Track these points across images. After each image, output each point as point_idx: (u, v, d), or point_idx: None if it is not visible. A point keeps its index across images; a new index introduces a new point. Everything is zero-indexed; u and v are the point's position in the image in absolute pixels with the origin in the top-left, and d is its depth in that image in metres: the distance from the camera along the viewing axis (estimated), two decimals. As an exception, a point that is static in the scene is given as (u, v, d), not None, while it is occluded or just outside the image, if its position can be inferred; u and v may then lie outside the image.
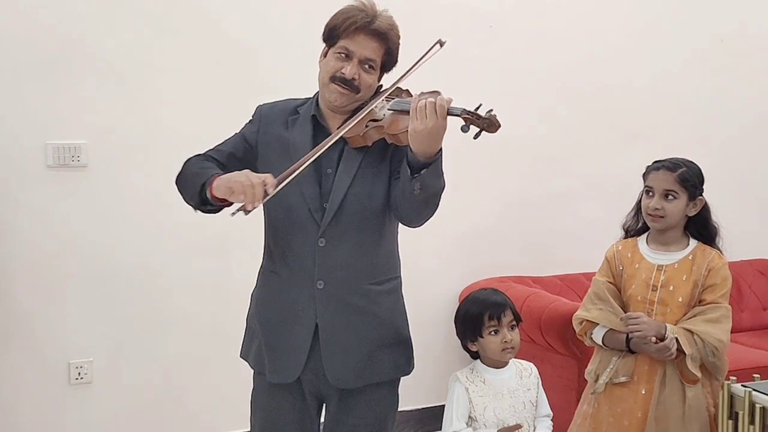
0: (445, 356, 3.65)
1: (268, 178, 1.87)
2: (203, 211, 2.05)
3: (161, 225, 3.28)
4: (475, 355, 2.34)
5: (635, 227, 2.46)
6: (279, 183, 1.89)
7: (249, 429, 2.24)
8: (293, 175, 1.92)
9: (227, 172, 2.03)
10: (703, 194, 2.38)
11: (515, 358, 2.34)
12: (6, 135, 3.06)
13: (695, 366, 2.25)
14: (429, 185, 1.89)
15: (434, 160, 1.87)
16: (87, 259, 3.19)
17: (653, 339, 2.22)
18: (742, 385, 2.20)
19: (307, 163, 1.94)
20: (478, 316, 2.27)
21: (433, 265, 3.67)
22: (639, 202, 2.43)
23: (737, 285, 4.02)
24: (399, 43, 2.08)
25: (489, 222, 3.83)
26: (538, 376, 2.35)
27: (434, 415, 3.65)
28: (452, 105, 1.86)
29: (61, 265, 3.16)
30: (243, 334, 2.24)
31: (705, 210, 2.39)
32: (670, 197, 2.32)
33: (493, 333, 2.26)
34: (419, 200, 1.92)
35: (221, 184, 1.91)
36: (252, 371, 2.21)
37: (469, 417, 2.25)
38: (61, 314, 3.18)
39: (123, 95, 3.20)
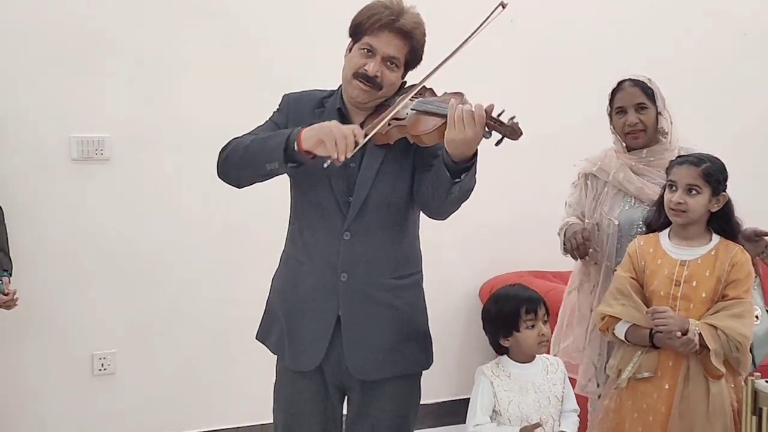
0: (464, 350, 3.66)
1: (356, 128, 1.88)
2: (279, 173, 2.01)
3: (183, 217, 3.31)
4: (501, 351, 2.33)
5: (657, 222, 2.44)
6: (365, 135, 1.90)
7: (272, 419, 2.26)
8: (377, 129, 1.93)
9: None
10: (726, 190, 2.37)
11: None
12: (30, 129, 3.09)
13: (719, 361, 2.24)
14: (465, 186, 1.92)
15: (472, 164, 1.89)
16: (110, 251, 3.22)
17: (678, 333, 2.21)
18: (766, 381, 2.18)
19: (388, 118, 1.95)
20: (514, 311, 2.26)
21: (452, 259, 3.68)
22: (661, 197, 2.42)
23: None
24: (424, 42, 2.08)
25: (508, 216, 3.82)
26: (565, 371, 2.35)
27: (453, 408, 3.66)
28: None
29: (84, 257, 3.20)
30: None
31: (728, 206, 2.37)
32: (694, 192, 2.31)
33: (530, 327, 2.25)
34: (453, 199, 1.94)
35: (311, 135, 1.90)
36: (275, 361, 2.22)
37: (493, 411, 2.25)
38: (84, 306, 3.21)
39: (146, 89, 3.22)
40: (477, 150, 1.88)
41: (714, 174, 2.32)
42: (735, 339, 2.23)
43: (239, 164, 2.05)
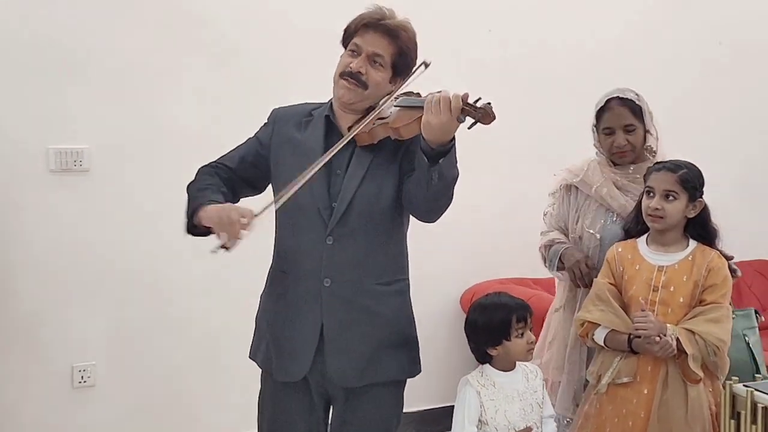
0: (447, 358, 3.65)
1: (247, 213, 1.91)
2: (193, 234, 2.08)
3: (163, 229, 3.28)
4: (485, 360, 2.31)
5: (635, 228, 2.46)
6: (256, 216, 1.92)
7: (254, 430, 2.25)
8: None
9: (236, 180, 2.11)
10: (703, 196, 2.40)
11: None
12: (8, 140, 3.07)
13: (697, 366, 2.26)
14: (446, 174, 1.92)
15: (450, 148, 1.91)
16: (90, 263, 3.20)
17: (656, 338, 2.24)
18: (744, 385, 2.20)
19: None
20: (505, 320, 2.24)
21: (434, 267, 3.68)
22: (639, 204, 2.44)
23: (737, 286, 4.02)
24: (414, 48, 2.10)
25: (490, 224, 3.84)
26: (543, 378, 2.36)
27: (435, 416, 3.66)
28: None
29: (63, 269, 3.17)
30: (246, 336, 2.25)
31: (704, 212, 2.40)
32: (671, 198, 2.33)
33: (520, 336, 2.24)
34: (436, 190, 1.94)
35: (205, 216, 1.97)
36: (257, 371, 2.22)
37: (479, 421, 2.23)
38: (64, 318, 3.18)
39: (125, 100, 3.20)
40: (454, 137, 1.91)
41: (691, 180, 2.35)
42: (712, 343, 2.25)
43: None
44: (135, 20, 3.20)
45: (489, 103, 1.87)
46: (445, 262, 3.74)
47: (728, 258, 2.42)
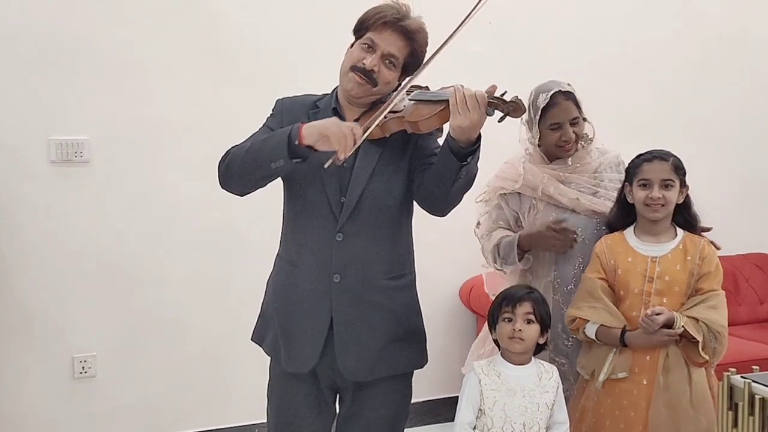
0: (445, 350, 3.67)
1: (355, 127, 1.90)
2: (285, 170, 1.98)
3: (163, 220, 3.30)
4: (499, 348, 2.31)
5: (622, 222, 2.45)
6: (364, 132, 1.92)
7: (253, 421, 2.26)
8: (374, 125, 1.95)
9: None
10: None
11: (540, 359, 2.32)
12: (9, 131, 3.08)
13: (706, 351, 2.30)
14: (471, 170, 1.95)
15: (478, 146, 1.93)
16: (90, 253, 3.21)
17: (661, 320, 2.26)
18: (742, 377, 2.21)
19: (386, 111, 1.96)
20: (497, 304, 2.28)
21: (433, 259, 3.65)
22: (620, 198, 2.44)
23: (734, 279, 4.05)
24: (425, 50, 2.09)
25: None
26: (559, 381, 2.28)
27: (434, 408, 3.68)
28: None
29: (64, 260, 3.18)
30: (249, 327, 2.25)
31: (687, 197, 2.43)
32: (669, 186, 2.35)
33: (506, 320, 2.23)
34: (460, 186, 1.96)
35: (312, 132, 1.91)
36: (258, 361, 2.22)
37: (479, 409, 2.21)
38: (64, 309, 3.20)
39: (126, 91, 3.21)
40: (481, 133, 1.92)
41: (681, 166, 2.39)
42: (715, 329, 2.29)
43: (241, 170, 2.04)
44: (137, 12, 3.21)
45: (517, 96, 1.88)
46: (444, 254, 3.73)
47: (706, 229, 2.46)
